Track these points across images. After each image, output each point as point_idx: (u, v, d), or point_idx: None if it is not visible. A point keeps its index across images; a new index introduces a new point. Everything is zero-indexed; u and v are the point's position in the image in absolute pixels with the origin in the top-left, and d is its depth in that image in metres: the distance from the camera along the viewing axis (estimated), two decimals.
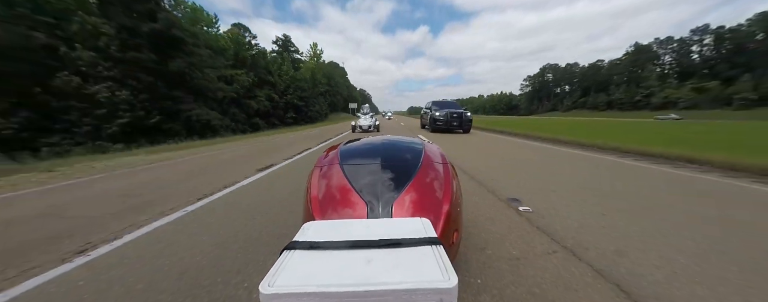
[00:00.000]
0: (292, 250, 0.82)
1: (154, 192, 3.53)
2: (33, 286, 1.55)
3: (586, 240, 2.00)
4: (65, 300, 1.43)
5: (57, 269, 1.72)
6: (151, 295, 1.43)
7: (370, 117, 15.88)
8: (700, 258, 1.76)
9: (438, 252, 0.79)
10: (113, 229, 2.33)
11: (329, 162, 1.52)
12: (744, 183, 3.76)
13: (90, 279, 1.60)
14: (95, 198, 3.40)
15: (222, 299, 1.39)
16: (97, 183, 4.19)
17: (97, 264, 1.78)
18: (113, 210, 2.84)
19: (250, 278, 1.57)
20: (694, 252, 1.83)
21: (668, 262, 1.71)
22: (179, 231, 2.28)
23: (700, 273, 1.60)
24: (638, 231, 2.16)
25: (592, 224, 2.30)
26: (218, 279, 1.57)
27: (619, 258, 1.75)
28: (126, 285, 1.53)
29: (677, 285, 1.48)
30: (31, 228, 2.46)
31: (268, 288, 0.64)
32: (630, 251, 1.85)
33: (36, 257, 1.89)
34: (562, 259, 1.75)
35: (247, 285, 1.50)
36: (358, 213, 1.16)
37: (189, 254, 1.86)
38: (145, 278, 1.59)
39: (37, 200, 3.39)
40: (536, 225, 2.28)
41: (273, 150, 7.93)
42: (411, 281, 0.65)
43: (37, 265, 1.77)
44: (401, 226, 0.98)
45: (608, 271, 1.61)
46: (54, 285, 1.56)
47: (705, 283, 1.50)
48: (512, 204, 2.80)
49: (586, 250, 1.86)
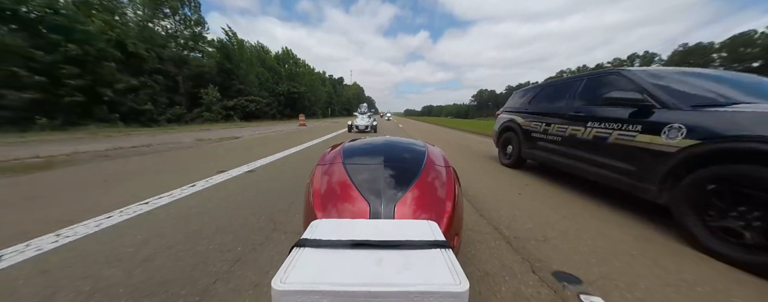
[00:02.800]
0: (303, 248, 0.83)
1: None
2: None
3: (413, 134, 12.66)
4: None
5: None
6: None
7: (367, 117, 15.33)
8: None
9: (447, 256, 0.79)
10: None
11: (332, 160, 1.53)
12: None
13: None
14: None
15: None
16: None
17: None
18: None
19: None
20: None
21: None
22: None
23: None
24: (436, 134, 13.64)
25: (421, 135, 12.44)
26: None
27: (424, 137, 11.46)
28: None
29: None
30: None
31: (281, 284, 0.64)
32: (407, 129, 11.56)
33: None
34: (401, 131, 13.11)
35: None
36: (360, 213, 1.16)
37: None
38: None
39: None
40: (405, 132, 13.55)
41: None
42: (422, 283, 0.65)
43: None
44: (409, 228, 0.98)
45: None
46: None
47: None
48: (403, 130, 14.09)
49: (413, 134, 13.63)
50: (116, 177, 3.68)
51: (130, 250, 1.78)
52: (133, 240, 1.92)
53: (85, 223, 2.18)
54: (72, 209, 2.49)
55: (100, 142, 7.98)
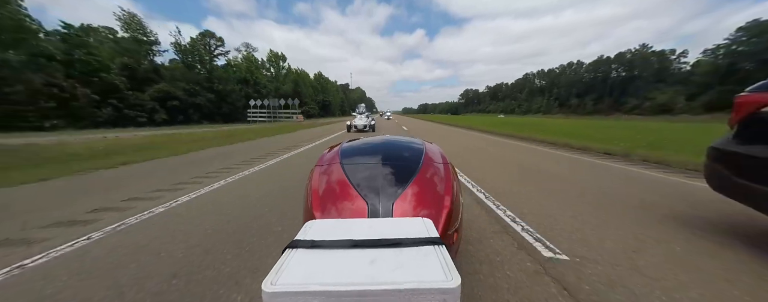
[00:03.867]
0: (295, 249, 0.82)
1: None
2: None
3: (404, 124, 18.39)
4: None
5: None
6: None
7: (365, 116, 15.41)
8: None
9: (440, 253, 0.79)
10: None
11: (330, 160, 1.53)
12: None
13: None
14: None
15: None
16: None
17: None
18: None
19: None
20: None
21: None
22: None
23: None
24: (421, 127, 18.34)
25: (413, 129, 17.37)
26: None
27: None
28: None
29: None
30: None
31: (271, 286, 0.63)
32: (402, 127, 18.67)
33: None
34: (397, 126, 18.21)
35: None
36: (358, 212, 1.16)
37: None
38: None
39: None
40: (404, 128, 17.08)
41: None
42: (414, 281, 0.65)
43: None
44: (403, 226, 0.98)
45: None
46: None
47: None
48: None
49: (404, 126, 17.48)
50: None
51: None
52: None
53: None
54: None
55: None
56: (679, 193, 3.07)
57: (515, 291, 1.40)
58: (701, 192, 2.99)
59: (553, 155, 5.92)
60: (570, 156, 5.71)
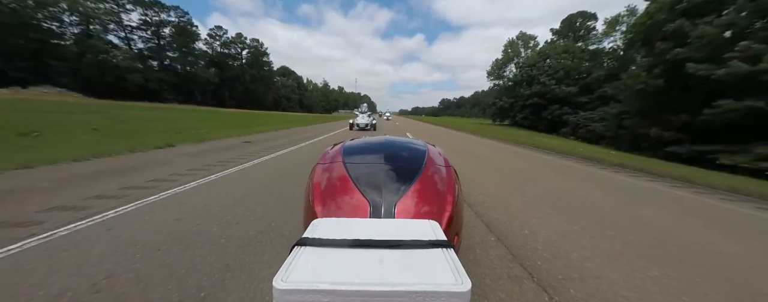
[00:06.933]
0: (303, 247, 0.83)
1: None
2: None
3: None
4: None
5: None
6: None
7: (367, 116, 16.11)
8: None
9: (449, 256, 0.79)
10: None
11: (332, 159, 1.52)
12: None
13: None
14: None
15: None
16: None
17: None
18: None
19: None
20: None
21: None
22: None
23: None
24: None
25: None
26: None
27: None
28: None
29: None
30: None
31: (282, 283, 0.64)
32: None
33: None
34: (399, 128, 19.35)
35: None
36: (360, 210, 1.16)
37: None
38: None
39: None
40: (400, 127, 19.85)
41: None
42: (424, 283, 0.65)
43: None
44: (410, 227, 0.98)
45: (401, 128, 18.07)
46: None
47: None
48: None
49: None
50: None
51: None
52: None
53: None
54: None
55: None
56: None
57: None
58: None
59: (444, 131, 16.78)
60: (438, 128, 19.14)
